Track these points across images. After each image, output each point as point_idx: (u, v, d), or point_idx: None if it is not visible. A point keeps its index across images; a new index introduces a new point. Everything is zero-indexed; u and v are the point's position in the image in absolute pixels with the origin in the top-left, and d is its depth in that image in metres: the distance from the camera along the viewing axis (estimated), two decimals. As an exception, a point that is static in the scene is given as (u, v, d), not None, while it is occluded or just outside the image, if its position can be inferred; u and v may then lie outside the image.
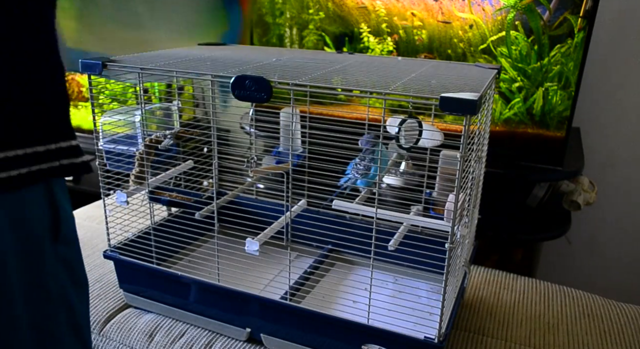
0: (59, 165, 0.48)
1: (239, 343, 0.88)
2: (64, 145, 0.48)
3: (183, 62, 0.84)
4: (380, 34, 1.22)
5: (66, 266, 0.52)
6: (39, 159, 0.46)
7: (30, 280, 0.48)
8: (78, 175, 0.52)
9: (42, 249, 0.49)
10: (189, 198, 0.98)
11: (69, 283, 0.52)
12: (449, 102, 0.63)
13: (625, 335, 0.93)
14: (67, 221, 0.53)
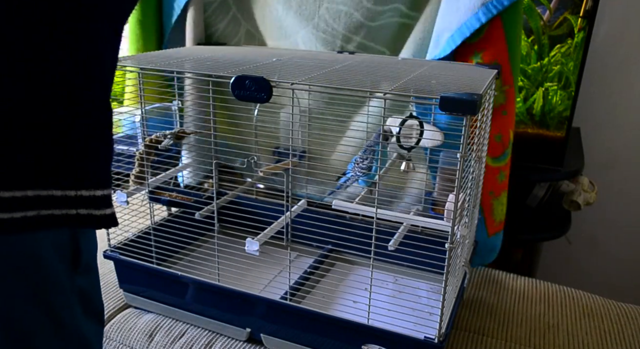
0: (76, 214, 0.42)
1: (239, 343, 0.88)
2: (86, 194, 0.43)
3: (183, 62, 0.84)
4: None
5: (83, 297, 0.48)
6: (52, 204, 0.41)
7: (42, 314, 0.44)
8: (97, 228, 0.47)
9: (57, 281, 0.45)
10: (189, 198, 0.98)
11: (85, 315, 0.49)
12: (449, 102, 0.63)
13: (625, 335, 0.93)
14: (88, 251, 0.48)
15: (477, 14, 0.90)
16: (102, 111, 0.43)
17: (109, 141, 0.44)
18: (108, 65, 0.43)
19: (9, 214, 0.39)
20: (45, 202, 0.40)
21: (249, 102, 0.74)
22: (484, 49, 0.93)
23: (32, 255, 0.42)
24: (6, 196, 0.38)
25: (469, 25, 0.90)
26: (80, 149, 0.42)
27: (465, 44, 0.93)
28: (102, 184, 0.44)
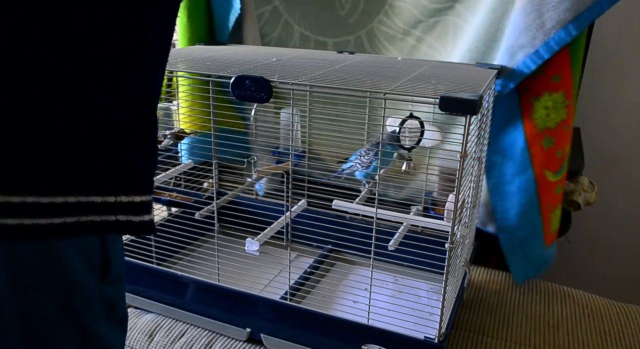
0: (115, 220, 0.42)
1: (239, 343, 0.88)
2: (125, 200, 0.42)
3: (183, 62, 0.84)
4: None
5: (108, 305, 0.48)
6: (92, 210, 0.40)
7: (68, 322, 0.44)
8: (135, 234, 0.46)
9: (85, 290, 0.45)
10: (189, 198, 0.98)
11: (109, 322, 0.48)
12: (449, 102, 0.63)
13: (625, 335, 0.93)
14: (117, 261, 0.48)
15: (567, 28, 0.86)
16: (147, 118, 0.43)
17: (152, 148, 0.44)
18: (156, 76, 0.43)
19: (49, 220, 0.38)
20: (85, 208, 0.40)
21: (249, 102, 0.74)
22: (547, 64, 0.91)
23: (61, 264, 0.42)
24: (45, 202, 0.38)
25: (558, 40, 0.87)
26: (122, 156, 0.41)
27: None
28: (142, 190, 0.43)
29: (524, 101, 0.94)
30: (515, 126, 0.96)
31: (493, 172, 1.00)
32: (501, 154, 0.98)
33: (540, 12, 0.86)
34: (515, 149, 0.96)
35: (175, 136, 0.93)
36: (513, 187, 0.97)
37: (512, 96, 0.95)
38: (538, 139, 0.95)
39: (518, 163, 0.96)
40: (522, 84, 0.93)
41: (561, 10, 0.85)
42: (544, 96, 0.92)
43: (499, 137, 0.98)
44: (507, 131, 0.97)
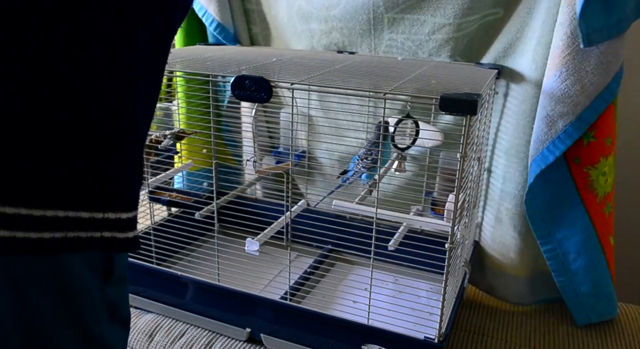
0: (100, 237, 0.42)
1: (239, 343, 0.88)
2: (112, 216, 0.42)
3: (183, 62, 0.84)
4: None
5: (111, 306, 0.48)
6: (79, 226, 0.40)
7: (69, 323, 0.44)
8: (117, 251, 0.46)
9: (87, 292, 0.45)
10: (189, 198, 0.98)
11: (111, 322, 0.48)
12: (449, 102, 0.63)
13: (625, 335, 0.93)
14: (120, 263, 0.48)
15: (610, 88, 0.80)
16: (136, 136, 0.43)
17: (139, 165, 0.44)
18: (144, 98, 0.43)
19: (39, 234, 0.38)
20: (73, 223, 0.40)
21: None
22: (595, 128, 0.83)
23: (61, 265, 0.42)
24: (37, 215, 0.38)
25: (602, 101, 0.81)
26: (111, 172, 0.41)
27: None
28: (129, 206, 0.43)
29: (577, 172, 0.85)
30: (571, 202, 0.87)
31: (548, 247, 0.90)
32: (559, 233, 0.89)
33: (579, 77, 0.79)
34: (577, 227, 0.87)
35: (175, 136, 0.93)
36: (579, 264, 0.89)
37: (559, 169, 0.85)
38: (600, 208, 0.87)
39: (583, 241, 0.87)
40: (568, 154, 0.84)
41: (600, 73, 0.80)
42: (600, 163, 0.84)
43: (551, 214, 0.88)
44: (563, 210, 0.87)
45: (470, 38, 0.92)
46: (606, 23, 0.76)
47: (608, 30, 0.77)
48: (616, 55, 0.80)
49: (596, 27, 0.76)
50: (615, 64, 0.80)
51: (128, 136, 0.42)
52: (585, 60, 0.79)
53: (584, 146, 0.83)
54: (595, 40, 0.77)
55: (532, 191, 0.86)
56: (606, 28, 0.77)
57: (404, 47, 0.97)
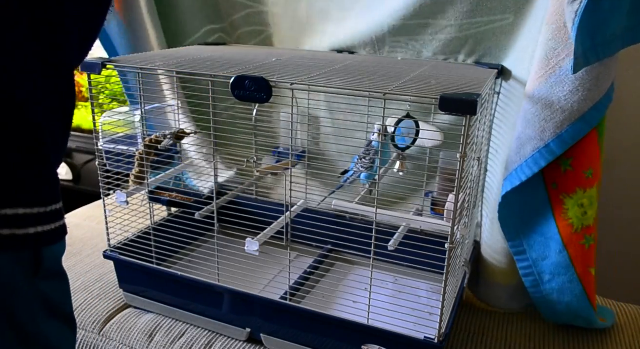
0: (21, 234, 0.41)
1: (239, 343, 0.88)
2: (10, 213, 0.40)
3: (183, 62, 0.84)
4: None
5: (46, 302, 0.46)
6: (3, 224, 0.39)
7: (1, 319, 0.43)
8: (20, 250, 0.43)
9: (15, 287, 0.43)
10: (189, 198, 0.98)
11: (50, 319, 0.47)
12: (449, 102, 0.63)
13: (625, 335, 0.93)
14: (51, 256, 0.46)
15: (585, 119, 0.74)
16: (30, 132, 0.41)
17: (38, 157, 0.42)
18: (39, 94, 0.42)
19: None
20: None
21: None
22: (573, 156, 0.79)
23: None
24: None
25: (573, 133, 0.75)
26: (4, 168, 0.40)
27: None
28: (27, 202, 0.41)
29: (553, 197, 0.82)
30: (546, 225, 0.83)
31: (524, 264, 0.87)
32: (534, 252, 0.86)
33: (549, 102, 0.75)
34: (550, 250, 0.84)
35: (175, 136, 0.93)
36: (554, 285, 0.86)
37: (536, 189, 0.82)
38: (577, 239, 0.82)
39: (556, 264, 0.84)
40: (548, 177, 0.81)
41: (575, 100, 0.74)
42: (577, 194, 0.80)
43: (526, 231, 0.86)
44: (538, 230, 0.85)
45: (478, 40, 0.91)
46: (587, 45, 0.70)
47: (585, 56, 0.71)
48: (597, 82, 0.73)
49: (579, 52, 0.70)
50: (595, 92, 0.74)
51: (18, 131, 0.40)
52: (558, 85, 0.75)
53: (561, 173, 0.80)
54: (580, 67, 0.71)
55: (507, 205, 0.84)
56: (583, 53, 0.70)
57: (407, 47, 0.97)
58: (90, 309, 0.95)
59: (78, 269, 1.07)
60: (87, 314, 0.94)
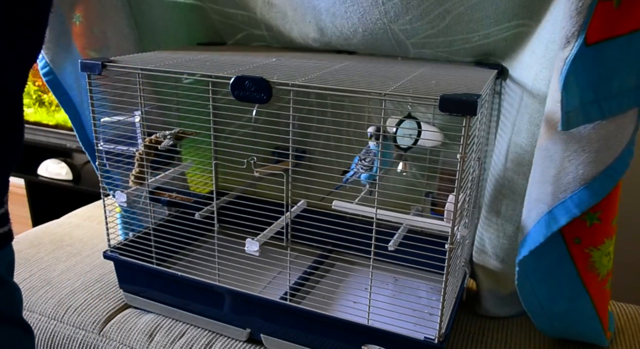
0: None
1: (239, 343, 0.88)
2: None
3: (182, 62, 0.84)
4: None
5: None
6: None
7: None
8: None
9: None
10: (189, 198, 0.98)
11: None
12: (449, 102, 0.63)
13: (625, 335, 0.93)
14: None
15: (592, 186, 0.66)
16: None
17: None
18: None
19: None
20: None
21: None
22: (602, 209, 0.71)
23: None
24: None
25: (579, 202, 0.68)
26: None
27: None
28: None
29: (577, 253, 0.74)
30: (571, 282, 0.77)
31: (538, 318, 0.82)
32: (556, 307, 0.80)
33: (554, 162, 0.68)
34: (576, 305, 0.78)
35: (175, 136, 0.93)
36: (570, 326, 0.82)
37: (556, 248, 0.74)
38: (602, 285, 0.77)
39: (580, 316, 0.80)
40: (567, 233, 0.73)
41: (579, 163, 0.66)
42: (604, 244, 0.73)
43: (546, 292, 0.79)
44: (560, 289, 0.78)
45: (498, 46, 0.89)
46: (588, 99, 0.63)
47: (584, 111, 0.64)
48: (606, 143, 0.65)
49: (575, 105, 0.64)
50: (607, 154, 0.66)
51: None
52: (561, 143, 0.67)
53: (586, 227, 0.72)
54: (575, 122, 0.65)
55: (524, 267, 0.77)
56: (581, 107, 0.64)
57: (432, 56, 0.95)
58: (90, 309, 0.95)
59: (78, 269, 1.07)
60: (87, 314, 0.94)
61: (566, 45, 0.62)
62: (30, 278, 1.03)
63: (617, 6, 0.59)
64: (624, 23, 0.60)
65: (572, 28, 0.61)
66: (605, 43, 0.61)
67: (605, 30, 0.60)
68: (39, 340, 0.93)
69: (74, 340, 0.91)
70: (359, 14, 0.86)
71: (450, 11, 0.81)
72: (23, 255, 1.11)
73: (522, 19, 0.79)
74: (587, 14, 0.59)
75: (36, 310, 0.96)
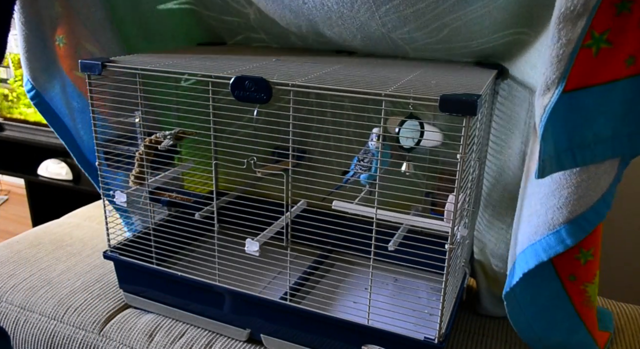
0: None
1: (239, 343, 0.88)
2: None
3: (182, 62, 0.84)
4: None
5: None
6: None
7: None
8: None
9: None
10: (189, 198, 0.98)
11: None
12: (449, 102, 0.63)
13: (625, 335, 0.93)
14: None
15: (559, 233, 0.64)
16: None
17: None
18: None
19: None
20: None
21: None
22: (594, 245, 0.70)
23: None
24: None
25: (547, 247, 0.66)
26: None
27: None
28: None
29: (573, 289, 0.74)
30: (568, 318, 0.76)
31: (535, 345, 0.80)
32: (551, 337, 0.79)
33: (528, 199, 0.67)
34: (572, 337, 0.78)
35: (175, 136, 0.93)
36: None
37: (551, 286, 0.73)
38: (594, 313, 0.78)
39: (579, 343, 0.79)
40: (561, 271, 0.72)
41: (549, 207, 0.64)
42: (596, 276, 0.73)
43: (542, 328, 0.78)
44: (556, 326, 0.77)
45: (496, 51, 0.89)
46: (562, 146, 0.61)
47: (558, 159, 0.62)
48: (577, 191, 0.63)
49: (550, 153, 0.62)
50: (577, 203, 0.63)
51: None
52: (536, 185, 0.66)
53: (581, 265, 0.71)
54: (549, 170, 0.63)
55: (519, 301, 0.76)
56: (556, 155, 0.62)
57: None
58: (90, 309, 0.95)
59: (78, 269, 1.07)
60: (87, 314, 0.94)
61: (546, 92, 0.60)
62: (30, 278, 1.03)
63: (596, 55, 0.58)
64: (602, 73, 0.59)
65: (553, 75, 0.59)
66: (582, 91, 0.60)
67: (582, 78, 0.59)
68: (39, 340, 0.93)
69: (74, 340, 0.91)
70: (356, 25, 0.86)
71: (448, 24, 0.81)
72: (23, 255, 1.11)
73: (520, 27, 0.79)
74: (568, 61, 0.58)
75: (36, 310, 0.96)
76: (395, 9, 0.79)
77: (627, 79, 0.59)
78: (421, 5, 0.77)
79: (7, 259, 1.09)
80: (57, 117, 0.99)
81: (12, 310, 0.97)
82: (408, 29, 0.83)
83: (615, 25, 0.57)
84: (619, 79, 0.59)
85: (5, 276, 1.04)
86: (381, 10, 0.79)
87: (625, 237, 1.52)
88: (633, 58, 0.59)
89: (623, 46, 0.58)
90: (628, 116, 0.61)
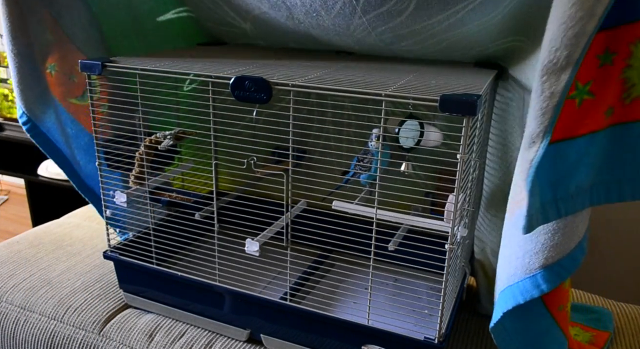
0: None
1: (239, 343, 0.88)
2: None
3: (182, 62, 0.84)
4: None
5: None
6: None
7: None
8: None
9: None
10: (189, 198, 0.98)
11: None
12: (449, 102, 0.63)
13: (625, 335, 0.93)
14: None
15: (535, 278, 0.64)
16: None
17: None
18: None
19: None
20: None
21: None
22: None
23: None
24: None
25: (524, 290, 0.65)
26: None
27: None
28: None
29: (560, 317, 0.73)
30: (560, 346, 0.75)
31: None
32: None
33: (509, 239, 0.67)
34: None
35: (175, 136, 0.93)
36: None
37: (542, 319, 0.73)
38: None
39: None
40: (550, 305, 0.72)
41: (526, 251, 0.64)
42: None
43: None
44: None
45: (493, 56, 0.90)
46: (547, 198, 0.61)
47: (543, 211, 0.62)
48: (554, 238, 0.63)
49: (536, 207, 0.61)
50: (554, 250, 0.63)
51: None
52: (515, 227, 0.65)
53: (567, 292, 0.73)
54: (535, 224, 0.62)
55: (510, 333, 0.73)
56: (541, 207, 0.61)
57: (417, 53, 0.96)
58: (90, 309, 0.95)
59: (78, 269, 1.07)
60: (87, 314, 0.94)
61: (531, 146, 0.60)
62: (30, 278, 1.03)
63: (579, 106, 0.58)
64: (584, 124, 0.59)
65: (537, 128, 0.58)
66: (567, 142, 0.59)
67: (567, 130, 0.59)
68: (38, 340, 0.93)
69: (74, 340, 0.92)
70: (354, 39, 0.87)
71: (446, 39, 0.82)
72: (23, 255, 1.11)
73: (518, 36, 0.80)
74: (553, 114, 0.58)
75: (36, 310, 0.96)
76: (391, 30, 0.80)
77: (605, 129, 0.60)
78: (417, 27, 0.78)
79: (7, 259, 1.09)
80: (54, 146, 0.98)
81: (12, 310, 0.97)
82: (406, 43, 0.84)
83: (598, 76, 0.57)
84: (599, 130, 0.60)
85: (5, 276, 1.04)
86: (377, 30, 0.81)
87: (624, 237, 1.52)
88: (612, 109, 0.59)
89: (604, 98, 0.58)
90: (605, 165, 0.62)
